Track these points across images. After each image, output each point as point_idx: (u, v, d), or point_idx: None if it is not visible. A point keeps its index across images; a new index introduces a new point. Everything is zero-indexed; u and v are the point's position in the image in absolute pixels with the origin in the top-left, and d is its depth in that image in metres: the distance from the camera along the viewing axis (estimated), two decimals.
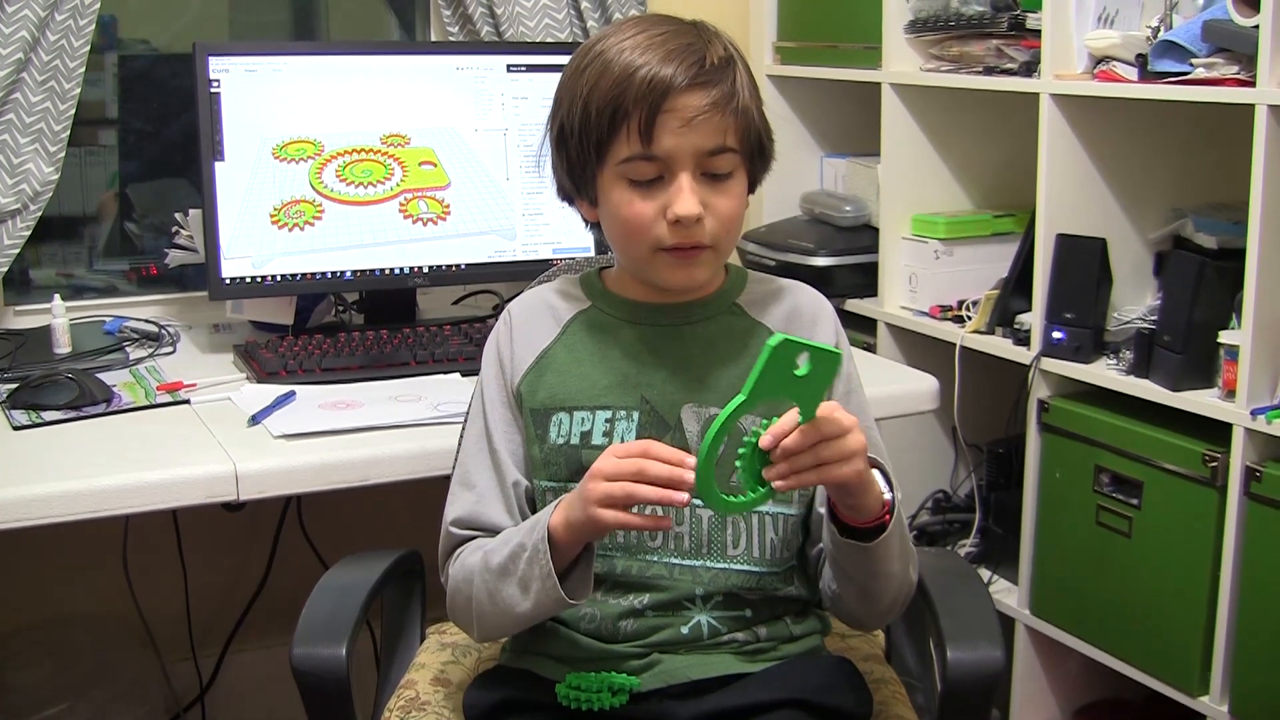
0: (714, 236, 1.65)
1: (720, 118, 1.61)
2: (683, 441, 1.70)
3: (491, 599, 1.64)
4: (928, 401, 2.48)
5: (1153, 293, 2.68)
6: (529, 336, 1.77)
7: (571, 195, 1.75)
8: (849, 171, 3.21)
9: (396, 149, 2.67)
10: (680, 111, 1.60)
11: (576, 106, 1.65)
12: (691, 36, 1.64)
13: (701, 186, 1.63)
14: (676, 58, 1.60)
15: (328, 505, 2.85)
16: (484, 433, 1.76)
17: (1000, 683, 1.63)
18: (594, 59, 1.64)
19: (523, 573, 1.59)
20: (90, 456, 2.03)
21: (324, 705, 1.65)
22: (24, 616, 2.82)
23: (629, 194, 1.64)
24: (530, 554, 1.58)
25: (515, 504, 1.73)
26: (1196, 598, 2.41)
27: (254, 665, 2.97)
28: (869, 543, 1.58)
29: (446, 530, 1.75)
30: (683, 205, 1.61)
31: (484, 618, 1.67)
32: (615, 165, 1.64)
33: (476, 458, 1.76)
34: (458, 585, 1.70)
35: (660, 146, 1.61)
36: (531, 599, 1.59)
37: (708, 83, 1.61)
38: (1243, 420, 2.28)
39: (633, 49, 1.61)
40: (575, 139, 1.66)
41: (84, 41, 2.66)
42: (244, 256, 2.56)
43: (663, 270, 1.68)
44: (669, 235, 1.63)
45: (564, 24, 3.02)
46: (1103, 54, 2.51)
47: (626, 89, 1.60)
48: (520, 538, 1.61)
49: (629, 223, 1.65)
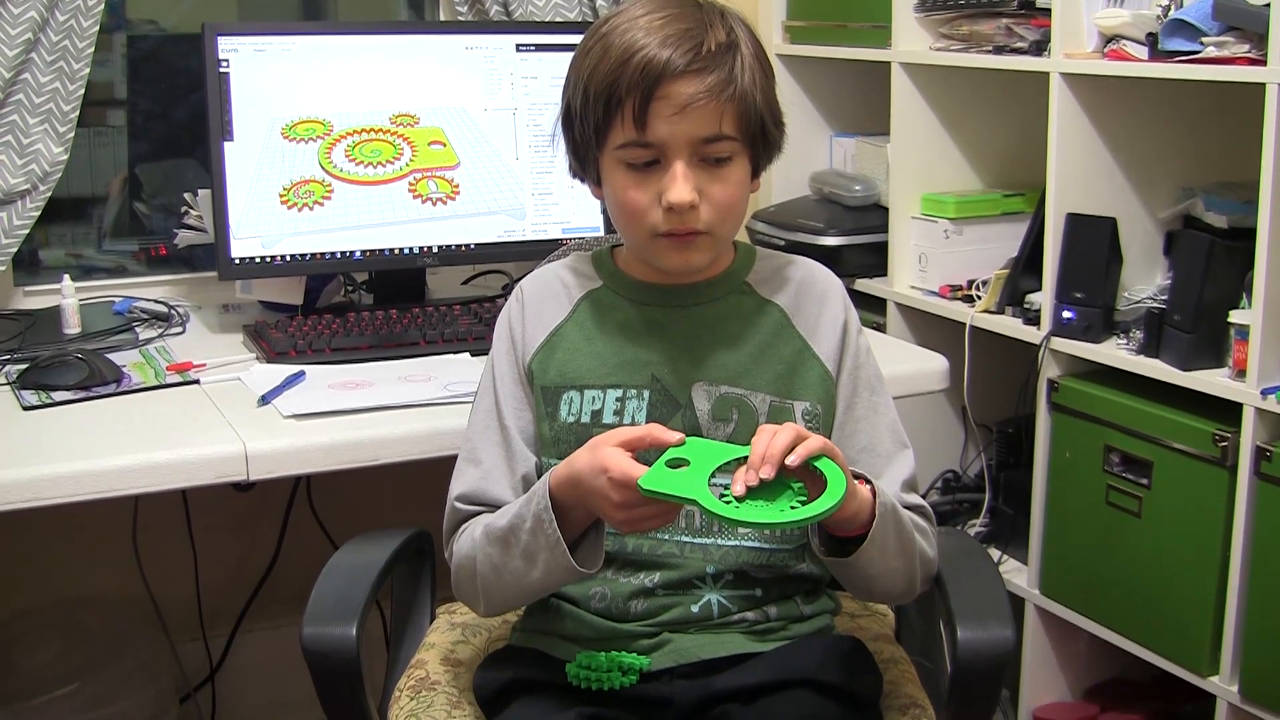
0: (709, 223, 1.64)
1: (715, 104, 1.60)
2: (694, 421, 1.71)
3: (496, 572, 1.64)
4: (937, 381, 2.47)
5: (1163, 272, 2.67)
6: (540, 314, 1.77)
7: (580, 174, 1.75)
8: (858, 151, 3.20)
9: (406, 129, 2.67)
10: (673, 98, 1.59)
11: (579, 88, 1.65)
12: (693, 20, 1.62)
13: (697, 173, 1.62)
14: (673, 43, 1.59)
15: (337, 485, 2.86)
16: (494, 408, 1.76)
17: (1010, 662, 1.63)
18: (598, 40, 1.64)
19: (525, 544, 1.59)
20: (100, 437, 2.03)
21: (334, 685, 1.65)
22: (33, 597, 2.83)
23: (626, 179, 1.64)
24: (533, 524, 1.58)
25: (520, 484, 1.73)
26: (1206, 578, 2.41)
27: (264, 645, 2.98)
28: (848, 556, 1.59)
29: (451, 505, 1.74)
30: (675, 193, 1.60)
31: (489, 591, 1.67)
32: (613, 150, 1.64)
33: (485, 434, 1.76)
34: (461, 561, 1.70)
35: (654, 133, 1.60)
36: (540, 569, 1.59)
37: (703, 69, 1.59)
38: (1253, 400, 2.28)
39: (634, 30, 1.61)
40: (578, 120, 1.66)
41: (93, 21, 2.65)
42: (253, 236, 2.56)
43: (660, 254, 1.68)
44: (664, 221, 1.63)
45: (573, 3, 3.02)
46: (1113, 33, 2.50)
47: (621, 74, 1.59)
48: (518, 508, 1.61)
49: (626, 207, 1.65)
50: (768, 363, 1.75)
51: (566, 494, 1.57)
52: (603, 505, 1.53)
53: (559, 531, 1.56)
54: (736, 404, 1.72)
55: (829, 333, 1.78)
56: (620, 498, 1.50)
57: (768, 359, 1.75)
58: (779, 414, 1.72)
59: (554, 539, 1.56)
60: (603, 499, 1.52)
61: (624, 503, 1.50)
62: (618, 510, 1.51)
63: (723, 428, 1.71)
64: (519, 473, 1.73)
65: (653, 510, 1.51)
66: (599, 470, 1.52)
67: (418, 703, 1.79)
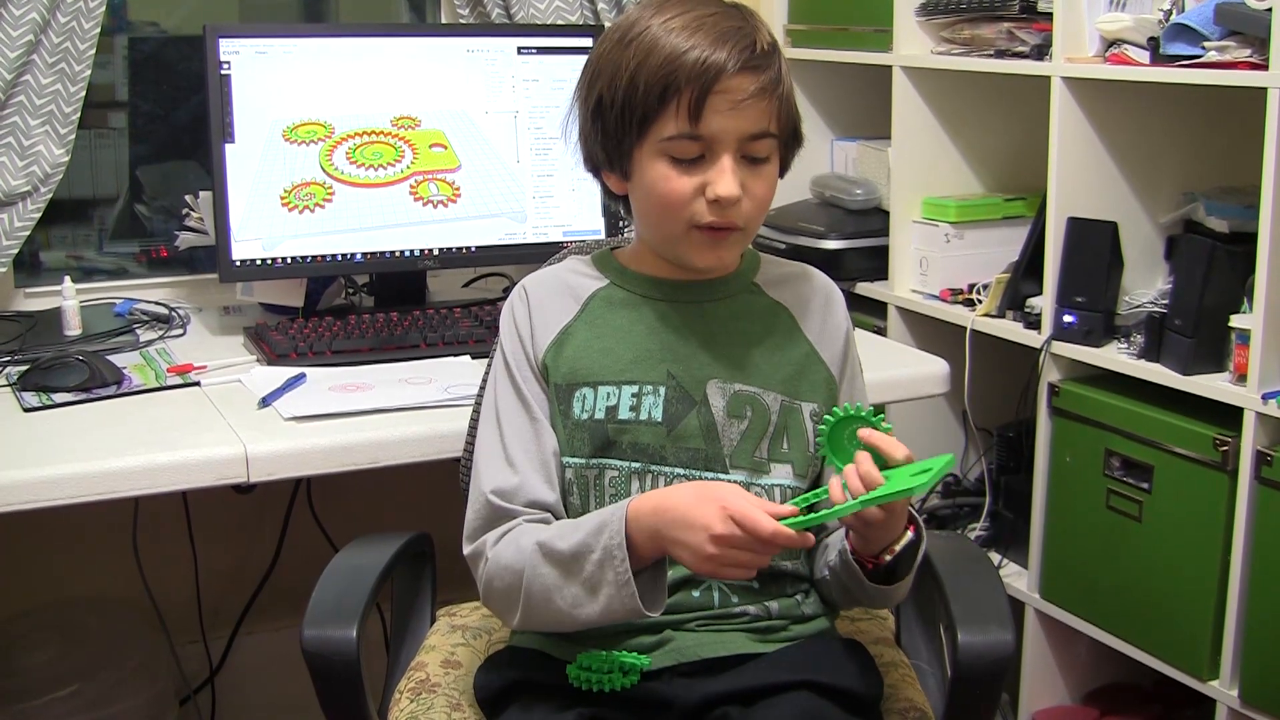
0: (747, 218, 1.67)
1: (766, 103, 1.63)
2: (709, 418, 1.71)
3: (547, 594, 1.60)
4: (938, 385, 2.48)
5: (1164, 276, 2.67)
6: (547, 313, 1.77)
7: (601, 166, 1.74)
8: (860, 155, 3.20)
9: (407, 131, 2.67)
10: (730, 94, 1.61)
11: (621, 80, 1.65)
12: (739, 20, 1.65)
13: (741, 168, 1.64)
14: (729, 40, 1.61)
15: (338, 487, 2.86)
16: (518, 400, 1.74)
17: (1010, 666, 1.63)
18: (640, 33, 1.65)
19: (590, 574, 1.57)
20: (100, 438, 2.03)
21: (334, 687, 1.65)
22: (33, 598, 2.82)
23: (669, 170, 1.65)
24: (601, 556, 1.56)
25: (555, 475, 1.71)
26: (1207, 582, 2.41)
27: (264, 647, 2.98)
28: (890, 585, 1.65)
29: (486, 500, 1.69)
30: (725, 186, 1.62)
31: (533, 610, 1.63)
32: (658, 141, 1.64)
33: (512, 425, 1.73)
34: (500, 570, 1.65)
35: (707, 127, 1.62)
36: (601, 604, 1.57)
37: (758, 67, 1.62)
38: (1254, 404, 2.28)
39: (681, 28, 1.62)
40: (615, 111, 1.66)
41: (94, 23, 2.66)
42: (254, 239, 2.56)
43: (694, 249, 1.69)
44: (706, 213, 1.65)
45: (574, 6, 3.02)
46: (1114, 37, 2.50)
47: (679, 68, 1.60)
48: (585, 536, 1.58)
49: (667, 198, 1.65)
50: (778, 363, 1.76)
51: (642, 525, 1.55)
52: (695, 538, 1.50)
53: (630, 572, 1.54)
54: (750, 401, 1.73)
55: (833, 339, 1.80)
56: (724, 529, 1.48)
57: (778, 359, 1.76)
58: (790, 414, 1.74)
59: (624, 578, 1.54)
60: (699, 530, 1.50)
61: (725, 535, 1.48)
62: (712, 543, 1.49)
63: (737, 425, 1.72)
64: (551, 466, 1.71)
65: (745, 557, 1.50)
66: (712, 499, 1.51)
67: (418, 705, 1.79)
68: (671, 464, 1.70)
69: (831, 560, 1.72)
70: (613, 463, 1.70)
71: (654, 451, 1.70)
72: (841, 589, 1.73)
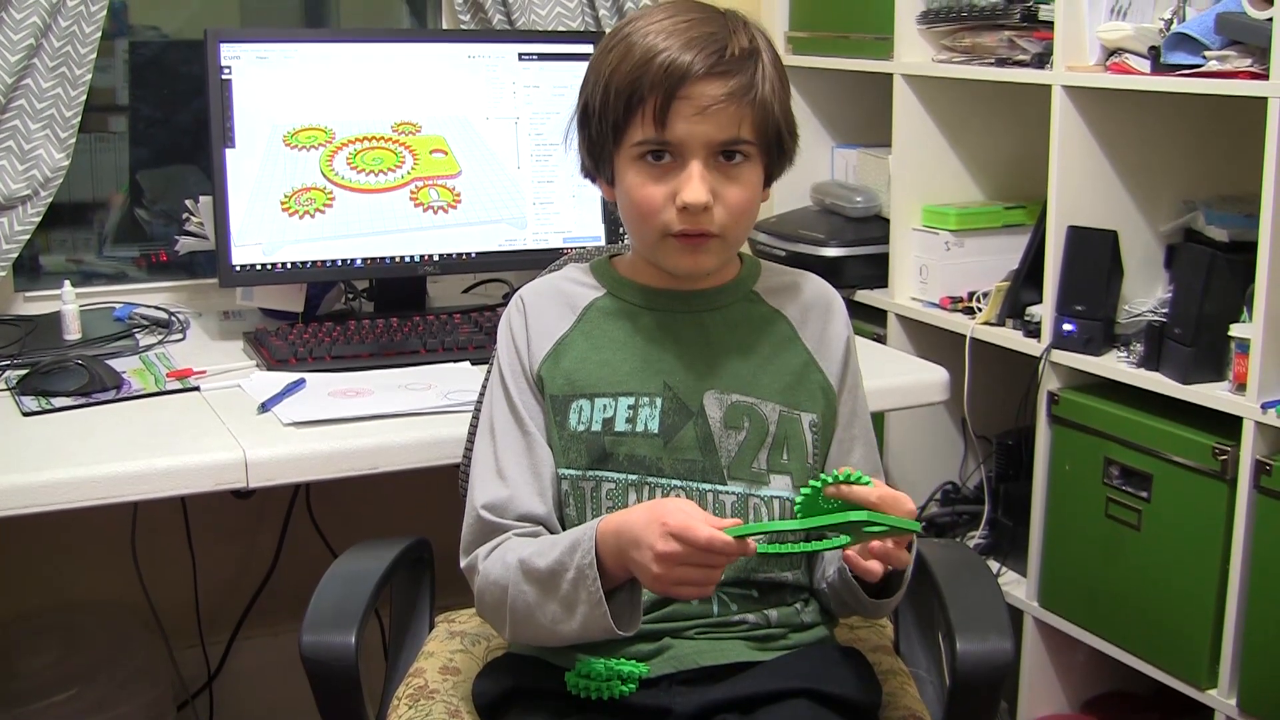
0: (722, 225, 1.65)
1: (735, 108, 1.61)
2: (706, 429, 1.71)
3: (529, 610, 1.61)
4: (938, 393, 2.48)
5: (1163, 285, 2.67)
6: (544, 323, 1.77)
7: (592, 173, 1.76)
8: (860, 162, 3.21)
9: (407, 137, 2.67)
10: (695, 99, 1.60)
11: (599, 86, 1.66)
12: (717, 25, 1.64)
13: (713, 175, 1.63)
14: (697, 45, 1.60)
15: (337, 493, 2.86)
16: (511, 414, 1.74)
17: (1009, 674, 1.63)
18: (620, 40, 1.66)
19: (566, 593, 1.57)
20: (100, 443, 2.03)
21: (332, 693, 1.65)
22: (32, 602, 2.82)
23: (641, 177, 1.65)
24: (575, 576, 1.56)
25: (548, 487, 1.71)
26: (1206, 591, 2.41)
27: (262, 653, 2.98)
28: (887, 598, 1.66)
29: (477, 515, 1.70)
30: (691, 193, 1.61)
31: (519, 625, 1.64)
32: (630, 147, 1.65)
33: (506, 439, 1.73)
34: (489, 585, 1.66)
35: (673, 133, 1.61)
36: (578, 622, 1.57)
37: (726, 73, 1.61)
38: (1253, 414, 2.28)
39: (657, 33, 1.62)
40: (596, 118, 1.67)
41: (95, 27, 2.66)
42: (254, 244, 2.56)
43: (670, 255, 1.68)
44: (677, 221, 1.64)
45: (575, 12, 3.02)
46: (1115, 46, 2.50)
47: (645, 73, 1.60)
48: (560, 554, 1.58)
49: (640, 205, 1.66)
50: (776, 372, 1.76)
51: (609, 545, 1.55)
52: (643, 557, 1.50)
53: (602, 591, 1.54)
54: (747, 412, 1.73)
55: (834, 348, 1.80)
56: (665, 547, 1.47)
57: (776, 368, 1.76)
58: (788, 424, 1.73)
59: (596, 598, 1.54)
60: (646, 550, 1.49)
61: (667, 554, 1.47)
62: (657, 562, 1.48)
63: (734, 436, 1.72)
64: (545, 479, 1.71)
65: (695, 574, 1.49)
66: (655, 518, 1.50)
67: (416, 711, 1.79)
68: (669, 476, 1.70)
69: (830, 576, 1.73)
70: (609, 475, 1.70)
71: (651, 463, 1.69)
72: (839, 601, 1.74)
